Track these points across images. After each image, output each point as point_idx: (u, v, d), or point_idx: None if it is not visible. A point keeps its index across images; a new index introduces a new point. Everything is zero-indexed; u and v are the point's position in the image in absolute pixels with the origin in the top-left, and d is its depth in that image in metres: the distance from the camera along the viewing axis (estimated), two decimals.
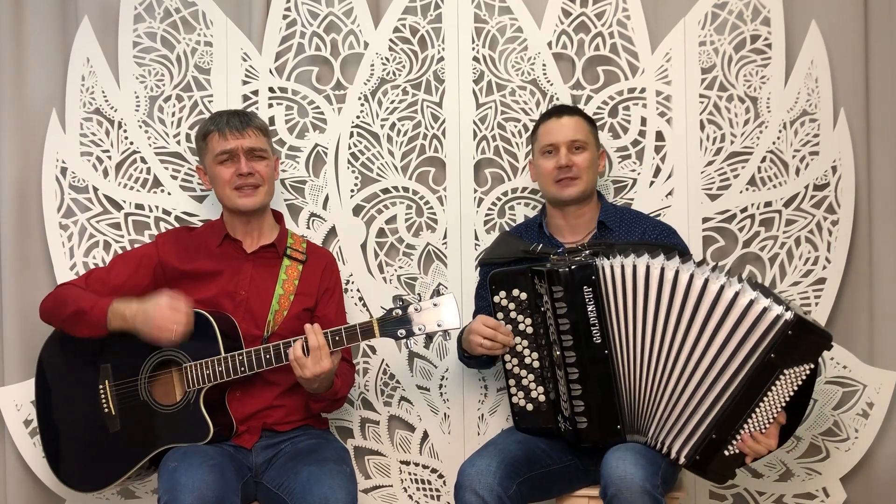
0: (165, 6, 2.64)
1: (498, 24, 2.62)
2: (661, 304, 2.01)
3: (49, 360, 2.29)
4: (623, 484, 1.90)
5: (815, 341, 1.97)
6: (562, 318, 2.05)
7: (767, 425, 2.00)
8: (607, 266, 2.05)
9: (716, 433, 2.00)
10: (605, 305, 2.04)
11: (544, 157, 2.33)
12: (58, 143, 2.62)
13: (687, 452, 2.03)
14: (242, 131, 2.27)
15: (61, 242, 2.62)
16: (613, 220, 2.33)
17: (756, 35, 2.56)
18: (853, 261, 2.55)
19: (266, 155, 2.31)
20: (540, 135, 2.37)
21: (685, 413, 2.02)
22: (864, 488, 2.57)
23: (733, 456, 2.03)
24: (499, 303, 2.17)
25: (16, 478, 2.62)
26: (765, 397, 1.98)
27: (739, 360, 1.97)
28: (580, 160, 2.29)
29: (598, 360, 2.04)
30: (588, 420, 2.06)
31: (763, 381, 1.96)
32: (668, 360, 2.02)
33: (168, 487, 1.95)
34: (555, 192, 2.31)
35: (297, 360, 2.07)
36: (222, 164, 2.28)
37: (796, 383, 1.97)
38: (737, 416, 1.99)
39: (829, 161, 2.54)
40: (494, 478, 2.00)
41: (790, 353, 1.95)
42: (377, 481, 2.64)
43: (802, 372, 1.97)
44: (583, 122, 2.35)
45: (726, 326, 1.97)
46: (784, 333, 1.94)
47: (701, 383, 2.00)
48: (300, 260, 2.34)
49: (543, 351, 2.13)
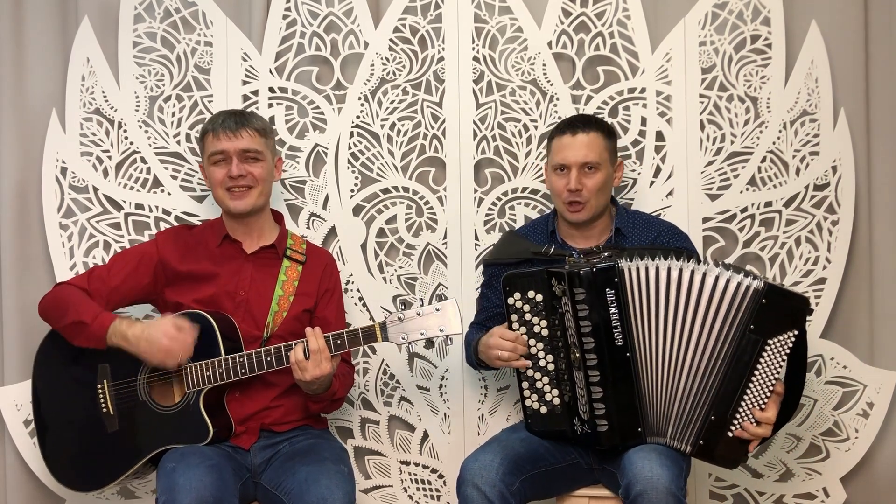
0: (165, 6, 2.64)
1: (498, 24, 2.61)
2: (680, 305, 2.02)
3: (46, 359, 2.29)
4: (650, 484, 1.89)
5: (792, 306, 1.98)
6: (583, 320, 2.02)
7: (766, 399, 2.00)
8: (629, 268, 2.03)
9: (714, 414, 2.01)
10: (627, 307, 2.03)
11: (556, 175, 2.28)
12: (58, 143, 2.62)
13: (691, 440, 2.03)
14: (237, 132, 2.25)
15: (61, 242, 2.62)
16: (628, 226, 2.31)
17: (756, 35, 2.56)
18: (853, 261, 2.55)
19: (261, 157, 2.28)
20: (553, 149, 2.30)
21: (693, 405, 2.03)
22: (864, 488, 2.57)
23: (738, 437, 2.02)
24: (513, 304, 2.14)
25: (16, 478, 2.63)
26: (755, 371, 1.99)
27: (724, 338, 1.99)
28: (591, 183, 2.23)
29: (619, 362, 2.03)
30: (609, 423, 2.04)
31: (749, 356, 1.98)
32: (681, 358, 2.03)
33: (166, 488, 1.95)
34: (565, 214, 2.29)
35: (297, 364, 2.08)
36: (216, 165, 2.27)
37: (784, 353, 1.98)
38: (731, 394, 2.00)
39: (829, 161, 2.54)
40: (497, 474, 2.00)
41: (768, 323, 1.97)
42: (377, 481, 2.64)
43: (788, 340, 1.98)
44: (599, 139, 2.26)
45: (712, 310, 2.00)
46: (758, 303, 1.96)
47: (700, 372, 2.02)
48: (300, 261, 2.34)
49: (560, 353, 2.11)
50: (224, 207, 2.30)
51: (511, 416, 2.59)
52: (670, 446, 2.04)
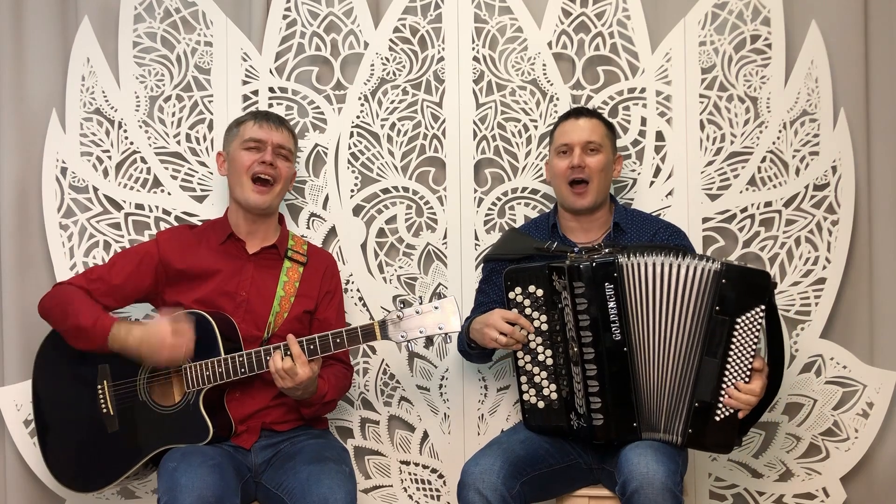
0: (165, 6, 2.64)
1: (498, 24, 2.62)
2: (666, 299, 2.04)
3: (46, 359, 2.29)
4: (645, 480, 1.90)
5: (752, 282, 2.00)
6: (581, 314, 2.04)
7: (747, 379, 2.02)
8: (629, 263, 2.05)
9: (698, 401, 2.02)
10: (625, 302, 2.05)
11: (559, 157, 2.34)
12: (58, 143, 2.62)
13: (680, 430, 2.04)
14: (278, 127, 2.33)
15: (61, 242, 2.62)
16: (627, 222, 2.34)
17: (756, 35, 2.56)
18: (853, 261, 2.55)
19: (290, 157, 2.36)
20: (557, 135, 2.38)
21: (677, 395, 2.05)
22: (864, 488, 2.58)
23: (725, 419, 2.03)
24: (514, 299, 2.15)
25: (16, 478, 2.63)
26: (730, 351, 2.00)
27: (695, 323, 2.02)
28: (593, 162, 2.29)
29: (616, 356, 2.05)
30: (604, 417, 2.05)
31: (720, 337, 2.00)
32: (667, 351, 2.05)
33: (167, 487, 1.95)
34: (568, 199, 2.31)
35: (277, 373, 2.08)
36: (247, 151, 2.30)
37: (755, 329, 2.00)
38: (710, 378, 2.01)
39: (829, 161, 2.54)
40: (498, 477, 2.00)
41: (733, 301, 1.99)
42: (377, 481, 2.64)
43: (756, 316, 1.99)
44: (600, 126, 2.35)
45: (685, 299, 2.03)
46: (719, 284, 1.99)
47: (680, 362, 2.04)
48: (301, 262, 2.34)
49: (558, 348, 2.12)
50: (242, 199, 2.29)
51: (511, 415, 2.59)
52: (663, 440, 2.05)
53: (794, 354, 2.55)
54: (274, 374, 2.08)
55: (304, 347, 2.08)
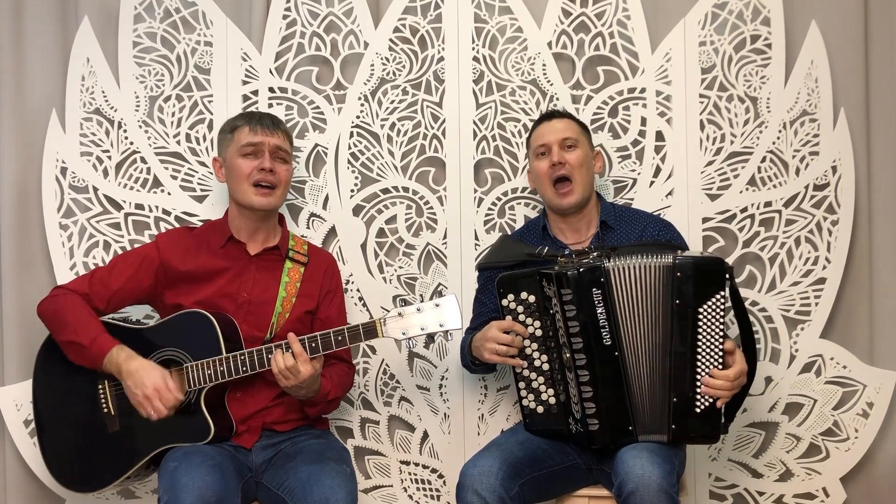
0: (165, 6, 2.64)
1: (498, 24, 2.62)
2: (646, 299, 2.04)
3: (47, 360, 2.29)
4: (641, 482, 1.90)
5: (706, 269, 2.01)
6: (571, 320, 2.05)
7: (720, 365, 2.02)
8: (615, 267, 2.05)
9: (675, 396, 2.03)
10: (614, 306, 2.04)
11: (538, 159, 2.35)
12: (58, 143, 2.62)
13: (665, 427, 2.05)
14: (273, 130, 2.31)
15: (61, 242, 2.61)
16: (614, 219, 2.34)
17: (756, 35, 2.56)
18: (853, 261, 2.56)
19: (288, 159, 2.34)
20: (533, 139, 2.40)
21: (659, 394, 2.06)
22: (864, 488, 2.58)
23: (706, 410, 2.04)
24: (507, 306, 2.15)
25: (16, 478, 2.63)
26: (697, 342, 2.01)
27: (662, 320, 2.03)
28: (572, 158, 2.31)
29: (608, 361, 2.05)
30: (599, 422, 2.06)
31: (686, 328, 2.01)
32: (650, 352, 2.06)
33: (168, 487, 1.95)
34: (554, 200, 2.32)
35: (280, 373, 2.07)
36: (245, 157, 2.28)
37: (719, 316, 2.00)
38: (683, 371, 2.02)
39: (829, 161, 2.54)
40: (497, 479, 2.00)
41: (690, 292, 2.00)
42: (377, 481, 2.64)
43: (718, 303, 2.00)
44: (573, 124, 2.39)
45: (652, 297, 2.04)
46: (674, 277, 2.00)
47: (657, 360, 2.05)
48: (302, 262, 2.34)
49: (553, 353, 2.12)
50: (247, 202, 2.29)
51: (511, 415, 2.59)
52: (652, 440, 2.05)
53: (794, 354, 2.55)
54: (276, 373, 2.08)
55: (305, 345, 2.08)
